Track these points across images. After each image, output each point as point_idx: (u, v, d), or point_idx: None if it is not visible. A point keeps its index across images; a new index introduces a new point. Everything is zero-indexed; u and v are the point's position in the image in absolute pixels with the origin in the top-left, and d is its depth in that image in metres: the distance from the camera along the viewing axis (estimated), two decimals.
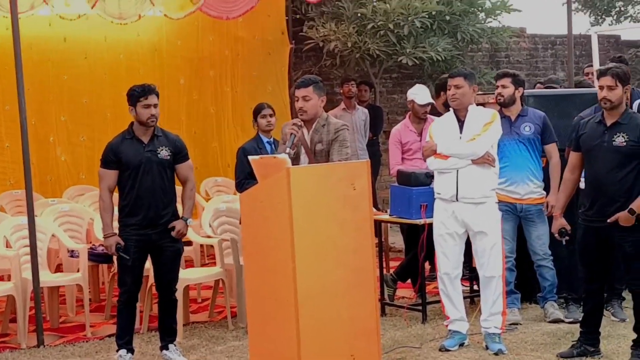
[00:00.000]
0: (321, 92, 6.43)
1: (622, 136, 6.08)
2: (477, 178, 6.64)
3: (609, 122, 6.17)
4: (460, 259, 6.87)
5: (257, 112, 7.86)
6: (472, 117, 6.72)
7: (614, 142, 6.10)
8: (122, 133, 6.69)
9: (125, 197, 6.59)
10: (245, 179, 7.32)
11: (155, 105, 6.56)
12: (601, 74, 6.21)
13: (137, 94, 6.55)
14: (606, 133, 6.16)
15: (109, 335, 7.37)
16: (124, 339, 6.68)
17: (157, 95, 6.61)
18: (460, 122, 6.73)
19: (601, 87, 6.16)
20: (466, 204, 6.65)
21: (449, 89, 6.77)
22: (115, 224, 6.68)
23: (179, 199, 6.86)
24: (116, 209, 6.71)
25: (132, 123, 6.67)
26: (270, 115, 7.84)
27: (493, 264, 6.69)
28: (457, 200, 6.67)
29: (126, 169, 6.55)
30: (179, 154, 6.73)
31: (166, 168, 6.64)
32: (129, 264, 6.56)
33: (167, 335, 6.81)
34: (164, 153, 6.62)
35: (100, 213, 6.65)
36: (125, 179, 6.57)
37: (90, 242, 8.56)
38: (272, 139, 7.79)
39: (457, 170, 6.65)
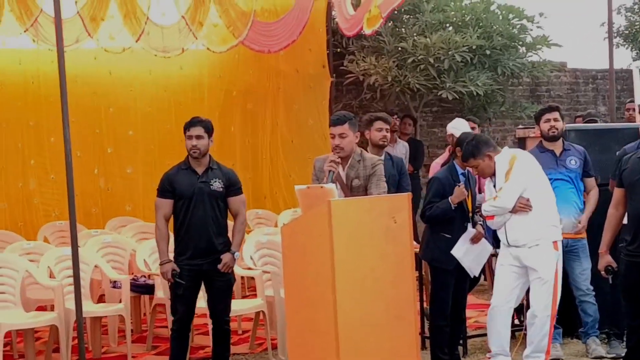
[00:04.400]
0: (355, 128, 6.42)
1: None
2: (523, 224, 6.67)
3: None
4: (514, 294, 6.82)
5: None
6: (498, 167, 6.76)
7: None
8: (178, 164, 6.86)
9: (179, 227, 6.74)
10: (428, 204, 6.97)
11: (197, 137, 6.69)
12: None
13: (185, 126, 6.77)
14: None
15: None
16: None
17: (206, 127, 6.73)
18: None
19: None
20: (519, 248, 6.69)
21: None
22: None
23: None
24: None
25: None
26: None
27: (542, 303, 6.64)
28: (509, 245, 6.72)
29: (180, 199, 6.70)
30: (232, 187, 6.84)
31: (218, 199, 6.75)
32: (180, 292, 6.63)
33: None
34: (217, 185, 6.74)
35: (157, 241, 6.78)
36: (179, 209, 6.72)
37: (133, 273, 8.64)
38: (466, 171, 7.08)
39: None
